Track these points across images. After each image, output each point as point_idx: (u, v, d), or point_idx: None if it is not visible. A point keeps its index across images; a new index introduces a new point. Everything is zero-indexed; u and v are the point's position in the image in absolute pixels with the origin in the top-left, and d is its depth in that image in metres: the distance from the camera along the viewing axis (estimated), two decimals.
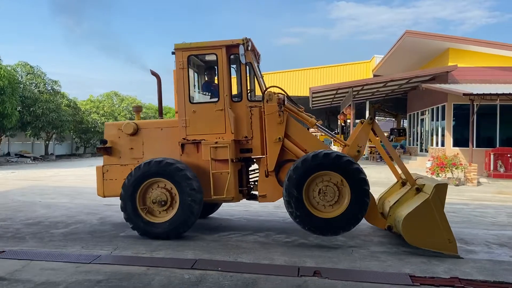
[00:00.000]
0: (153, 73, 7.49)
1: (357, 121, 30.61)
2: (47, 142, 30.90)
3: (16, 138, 29.26)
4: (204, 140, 6.56)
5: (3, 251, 5.53)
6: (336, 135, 7.71)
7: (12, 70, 25.06)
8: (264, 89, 6.63)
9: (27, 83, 27.75)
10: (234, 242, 6.21)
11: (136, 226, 6.33)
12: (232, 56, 6.69)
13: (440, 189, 5.62)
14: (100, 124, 33.68)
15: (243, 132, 6.61)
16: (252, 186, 7.07)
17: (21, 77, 27.59)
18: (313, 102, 25.32)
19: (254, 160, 6.88)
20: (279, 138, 6.43)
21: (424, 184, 6.06)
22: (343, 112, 26.16)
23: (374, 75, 26.48)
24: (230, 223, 7.57)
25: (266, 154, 6.52)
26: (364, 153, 25.28)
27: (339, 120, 31.82)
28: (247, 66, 6.73)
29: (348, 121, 28.16)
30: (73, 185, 13.64)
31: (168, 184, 6.34)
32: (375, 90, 22.28)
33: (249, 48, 6.55)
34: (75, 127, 33.16)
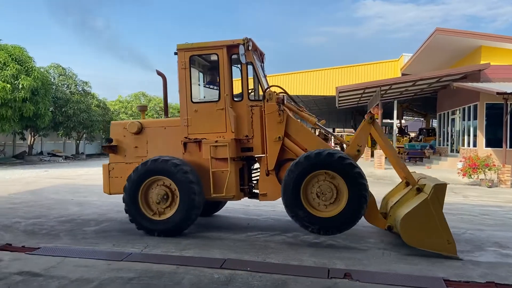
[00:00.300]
0: (159, 73, 7.68)
1: (385, 120, 30.04)
2: (78, 141, 31.74)
3: (49, 138, 30.21)
4: (205, 139, 6.65)
5: (39, 248, 5.70)
6: (335, 134, 7.59)
7: (45, 72, 25.86)
8: (265, 88, 6.66)
9: (59, 84, 28.59)
10: (262, 242, 6.20)
11: (139, 224, 6.51)
12: (234, 56, 6.74)
13: (439, 189, 5.52)
14: None
15: (244, 131, 6.69)
16: (253, 185, 7.12)
17: (54, 78, 28.46)
18: (339, 102, 25.03)
19: (256, 159, 6.93)
20: (279, 137, 6.48)
21: (425, 184, 5.93)
22: (370, 111, 25.72)
23: (403, 74, 25.97)
24: (258, 223, 7.57)
25: (266, 153, 6.58)
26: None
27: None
28: (248, 66, 6.74)
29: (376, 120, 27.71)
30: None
31: (168, 181, 6.46)
32: (403, 89, 21.83)
33: (250, 48, 6.60)
34: (105, 127, 33.93)
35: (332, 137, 7.58)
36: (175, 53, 6.83)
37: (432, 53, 21.38)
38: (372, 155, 18.75)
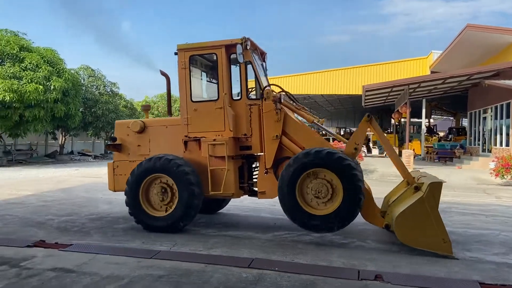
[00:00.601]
0: (163, 73, 7.82)
1: (413, 119, 29.35)
2: (107, 141, 32.44)
3: (79, 138, 31.03)
4: (204, 137, 6.77)
5: (71, 244, 5.84)
6: (336, 134, 7.65)
7: (75, 73, 26.54)
8: (263, 87, 6.70)
9: (89, 85, 29.31)
10: (290, 242, 6.16)
11: (139, 220, 6.73)
12: (233, 56, 6.76)
13: (435, 188, 5.45)
14: None
15: (242, 129, 6.76)
16: (253, 183, 7.18)
17: (83, 79, 29.19)
18: (366, 101, 24.66)
19: (256, 157, 7.03)
20: (276, 135, 6.56)
21: (423, 183, 5.82)
22: (397, 110, 25.27)
23: (432, 72, 25.35)
24: (284, 223, 7.49)
25: (264, 152, 6.68)
26: (420, 152, 24.30)
27: (392, 119, 30.76)
28: (247, 65, 6.78)
29: (403, 120, 27.17)
30: None
31: (169, 180, 6.62)
32: (432, 87, 21.33)
33: (248, 47, 6.65)
34: None
35: (333, 136, 7.61)
36: (175, 53, 6.95)
37: (463, 50, 20.78)
38: (400, 155, 18.37)
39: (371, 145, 33.80)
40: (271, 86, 6.86)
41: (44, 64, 20.88)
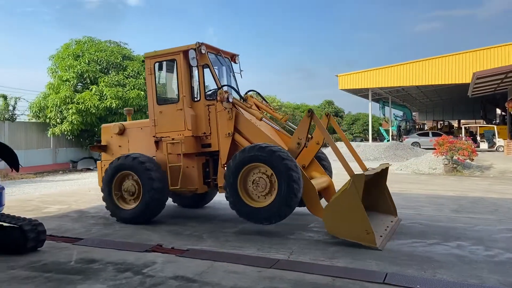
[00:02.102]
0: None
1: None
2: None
3: None
4: (169, 137, 7.42)
5: (187, 250, 5.72)
6: (282, 130, 7.84)
7: None
8: (218, 88, 7.11)
9: None
10: (421, 252, 5.42)
11: (113, 214, 7.52)
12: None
13: (357, 180, 5.55)
14: None
15: (202, 128, 7.32)
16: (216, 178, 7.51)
17: None
18: (474, 89, 22.33)
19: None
20: (229, 133, 7.03)
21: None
22: (511, 99, 22.54)
23: None
24: (405, 228, 6.74)
25: (220, 148, 7.17)
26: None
27: (508, 108, 27.54)
28: (204, 68, 7.30)
29: None
30: None
31: (135, 176, 7.28)
32: None
33: (203, 51, 7.14)
34: None
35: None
36: (143, 61, 7.81)
37: None
38: None
39: (478, 138, 30.80)
40: (224, 86, 7.28)
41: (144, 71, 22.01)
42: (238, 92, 7.71)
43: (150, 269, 4.93)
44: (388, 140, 35.21)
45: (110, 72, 21.54)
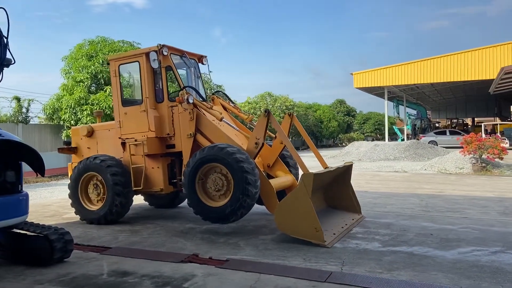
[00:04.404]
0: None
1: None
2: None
3: None
4: (133, 138, 7.44)
5: (227, 260, 5.23)
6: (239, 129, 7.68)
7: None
8: (181, 89, 7.11)
9: None
10: (488, 262, 4.89)
11: (77, 211, 7.65)
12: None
13: (306, 178, 5.61)
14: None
15: (165, 129, 7.34)
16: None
17: None
18: (498, 85, 21.64)
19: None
20: (190, 133, 7.07)
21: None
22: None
23: None
24: (466, 236, 6.18)
25: (182, 149, 7.19)
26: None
27: None
28: (167, 70, 7.38)
29: None
30: None
31: (99, 177, 7.42)
32: None
33: (165, 53, 7.19)
34: None
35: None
36: (108, 63, 7.78)
37: None
38: None
39: (498, 136, 29.94)
40: (186, 87, 7.22)
41: None
42: (199, 93, 7.65)
43: (191, 283, 4.45)
44: (403, 139, 34.49)
45: None
